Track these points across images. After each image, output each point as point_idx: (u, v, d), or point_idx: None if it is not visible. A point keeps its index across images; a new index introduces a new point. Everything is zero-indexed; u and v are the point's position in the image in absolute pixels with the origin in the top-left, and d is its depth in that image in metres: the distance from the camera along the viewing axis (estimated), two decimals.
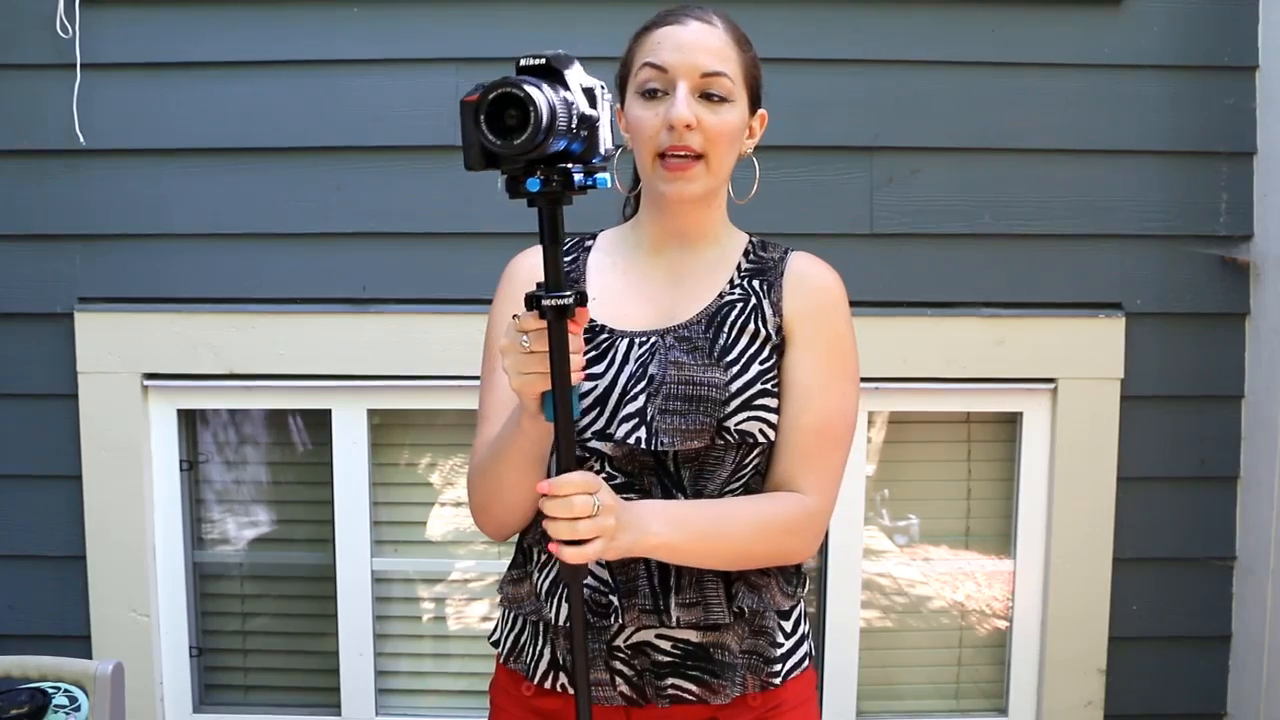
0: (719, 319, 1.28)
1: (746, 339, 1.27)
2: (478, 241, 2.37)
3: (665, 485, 1.25)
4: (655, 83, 1.24)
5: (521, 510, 1.27)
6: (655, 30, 1.26)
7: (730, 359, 1.25)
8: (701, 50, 1.23)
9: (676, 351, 1.26)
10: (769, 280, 1.31)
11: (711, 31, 1.25)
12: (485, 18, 2.38)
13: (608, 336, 1.28)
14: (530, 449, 1.19)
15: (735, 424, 1.24)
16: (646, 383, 1.24)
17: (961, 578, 2.64)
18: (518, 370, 1.09)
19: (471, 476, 1.29)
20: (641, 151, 1.26)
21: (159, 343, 2.45)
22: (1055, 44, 2.40)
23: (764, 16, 2.25)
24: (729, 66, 1.24)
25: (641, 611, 1.25)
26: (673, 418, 1.22)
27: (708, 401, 1.23)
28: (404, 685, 2.63)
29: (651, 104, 1.24)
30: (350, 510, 2.51)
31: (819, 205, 2.42)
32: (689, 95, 1.22)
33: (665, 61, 1.23)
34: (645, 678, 1.27)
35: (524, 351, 1.08)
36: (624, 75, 1.30)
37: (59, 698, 1.97)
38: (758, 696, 1.30)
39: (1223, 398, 2.47)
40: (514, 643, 1.35)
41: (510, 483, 1.23)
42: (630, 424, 1.23)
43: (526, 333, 1.07)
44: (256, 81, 2.40)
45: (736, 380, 1.24)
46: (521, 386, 1.10)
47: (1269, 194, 2.39)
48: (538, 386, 1.09)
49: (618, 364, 1.26)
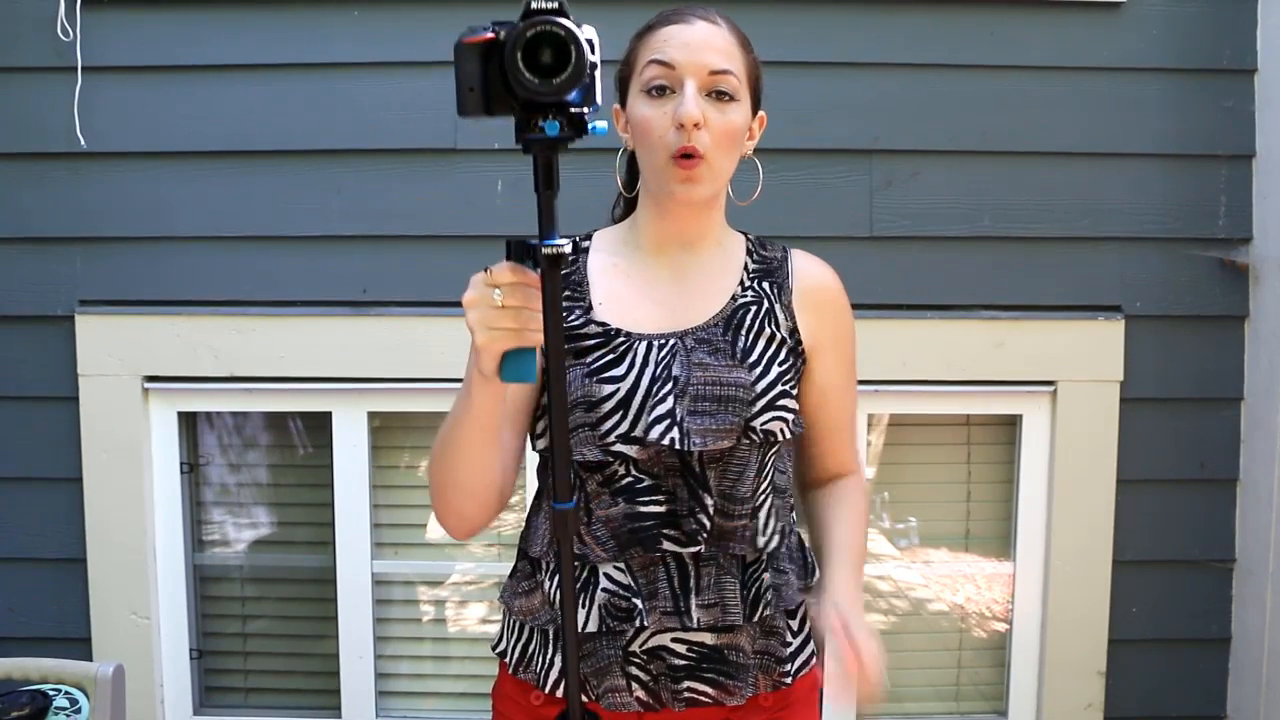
0: (735, 321, 1.29)
1: (764, 342, 1.29)
2: (477, 244, 2.37)
3: (691, 486, 1.25)
4: (662, 80, 1.23)
5: (480, 495, 1.22)
6: (660, 29, 1.26)
7: (752, 360, 1.27)
8: (709, 49, 1.23)
9: (700, 353, 1.26)
10: (777, 282, 1.33)
11: (717, 31, 1.25)
12: (485, 20, 2.37)
13: (625, 339, 1.27)
14: (483, 420, 1.14)
15: (761, 424, 1.25)
16: (672, 384, 1.24)
17: (961, 580, 2.64)
18: (485, 325, 1.02)
19: (429, 468, 1.25)
20: (653, 152, 1.24)
21: (160, 345, 2.45)
22: (1055, 47, 2.40)
23: (764, 19, 2.26)
24: (735, 65, 1.25)
25: (663, 614, 1.25)
26: (702, 418, 1.23)
27: (736, 402, 1.24)
28: (404, 688, 2.63)
29: (659, 102, 1.23)
30: (351, 512, 2.51)
31: (819, 208, 2.42)
32: (697, 94, 1.22)
33: (673, 59, 1.22)
34: (661, 682, 1.27)
35: (494, 306, 1.01)
36: (626, 74, 1.29)
37: (59, 700, 1.97)
38: (769, 696, 1.31)
39: (1222, 400, 2.47)
40: (522, 652, 1.34)
41: (464, 465, 1.19)
42: (662, 425, 1.22)
43: (500, 286, 1.01)
44: (257, 84, 2.41)
45: (760, 381, 1.26)
46: (489, 343, 1.03)
47: (1268, 196, 2.40)
48: (505, 344, 1.03)
49: (639, 366, 1.25)
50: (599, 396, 1.23)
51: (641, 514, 1.25)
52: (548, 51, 0.93)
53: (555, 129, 0.96)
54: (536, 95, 0.94)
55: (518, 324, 1.02)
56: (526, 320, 1.02)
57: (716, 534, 1.26)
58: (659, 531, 1.25)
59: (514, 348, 1.03)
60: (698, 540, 1.25)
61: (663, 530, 1.25)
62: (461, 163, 2.41)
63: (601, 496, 1.25)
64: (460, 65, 0.98)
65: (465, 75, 0.97)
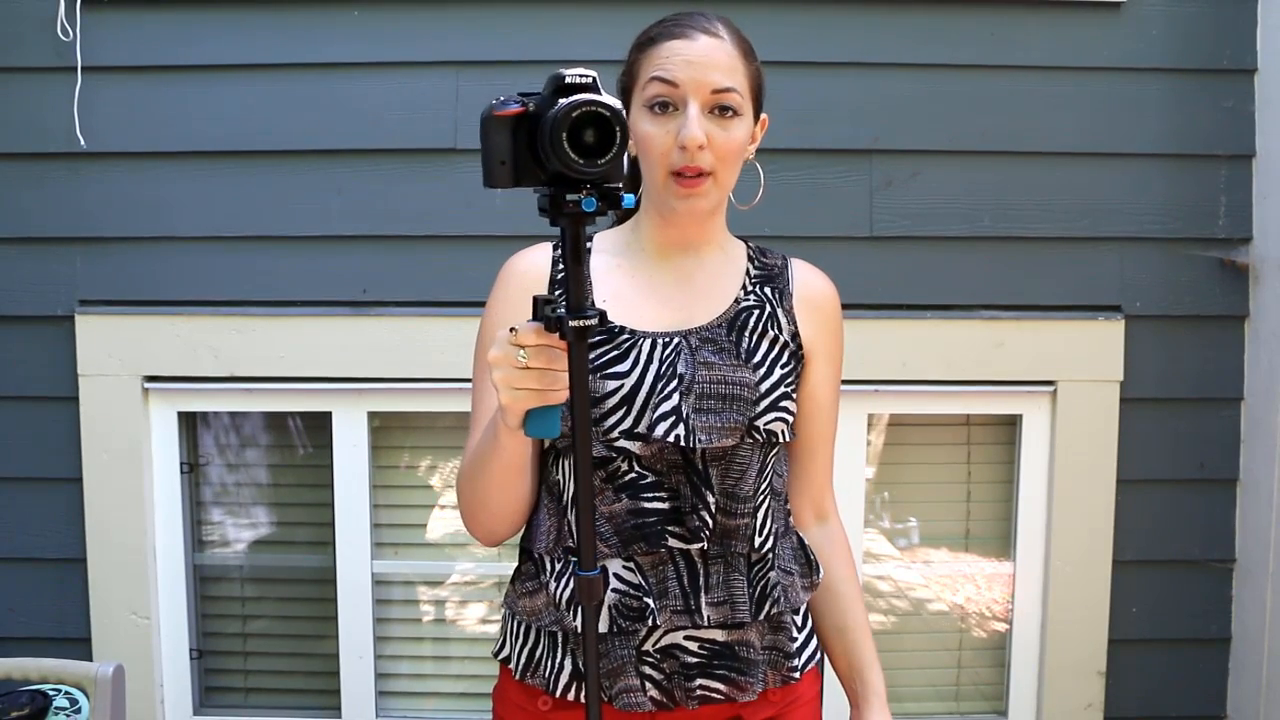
0: (739, 324, 1.31)
1: (767, 344, 1.31)
2: (478, 244, 2.37)
3: (694, 483, 1.26)
4: (665, 97, 1.24)
5: (509, 519, 1.27)
6: (663, 43, 1.25)
7: (756, 361, 1.29)
8: (712, 66, 1.23)
9: (705, 352, 1.27)
10: (778, 288, 1.35)
11: (720, 46, 1.25)
12: (485, 21, 2.38)
13: (629, 337, 1.28)
14: (511, 461, 1.18)
15: (765, 423, 1.27)
16: (677, 382, 1.25)
17: (961, 580, 2.64)
18: (509, 385, 1.03)
19: (458, 486, 1.28)
20: (653, 168, 1.26)
21: (159, 345, 2.45)
22: (1055, 47, 2.40)
23: (764, 19, 2.25)
24: (738, 81, 1.25)
25: (673, 612, 1.26)
26: (707, 416, 1.24)
27: (740, 401, 1.26)
28: (404, 688, 2.63)
29: (662, 120, 1.24)
30: (350, 512, 2.51)
31: (819, 208, 2.42)
32: (700, 114, 1.22)
33: (676, 78, 1.23)
34: (674, 680, 1.27)
35: (519, 366, 1.01)
36: (628, 85, 1.30)
37: (59, 700, 1.97)
38: (777, 692, 1.33)
39: (1222, 400, 2.47)
40: (529, 657, 1.33)
41: (494, 494, 1.23)
42: (668, 422, 1.23)
43: (524, 347, 1.01)
44: (257, 84, 2.41)
45: (764, 382, 1.28)
46: (512, 402, 1.04)
47: (1268, 196, 2.39)
48: (528, 403, 1.04)
49: (643, 363, 1.26)
50: (603, 392, 1.24)
51: (645, 510, 1.26)
52: (590, 131, 0.93)
53: (592, 205, 0.96)
54: (581, 175, 0.94)
55: (541, 385, 1.02)
56: (550, 381, 1.02)
57: (720, 532, 1.27)
58: (663, 528, 1.26)
59: (535, 409, 1.04)
60: (701, 537, 1.26)
61: (666, 527, 1.26)
62: (461, 163, 2.41)
63: (605, 492, 1.26)
64: (489, 137, 0.97)
65: (495, 148, 0.97)
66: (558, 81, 0.95)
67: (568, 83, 0.95)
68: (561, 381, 1.02)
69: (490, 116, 0.97)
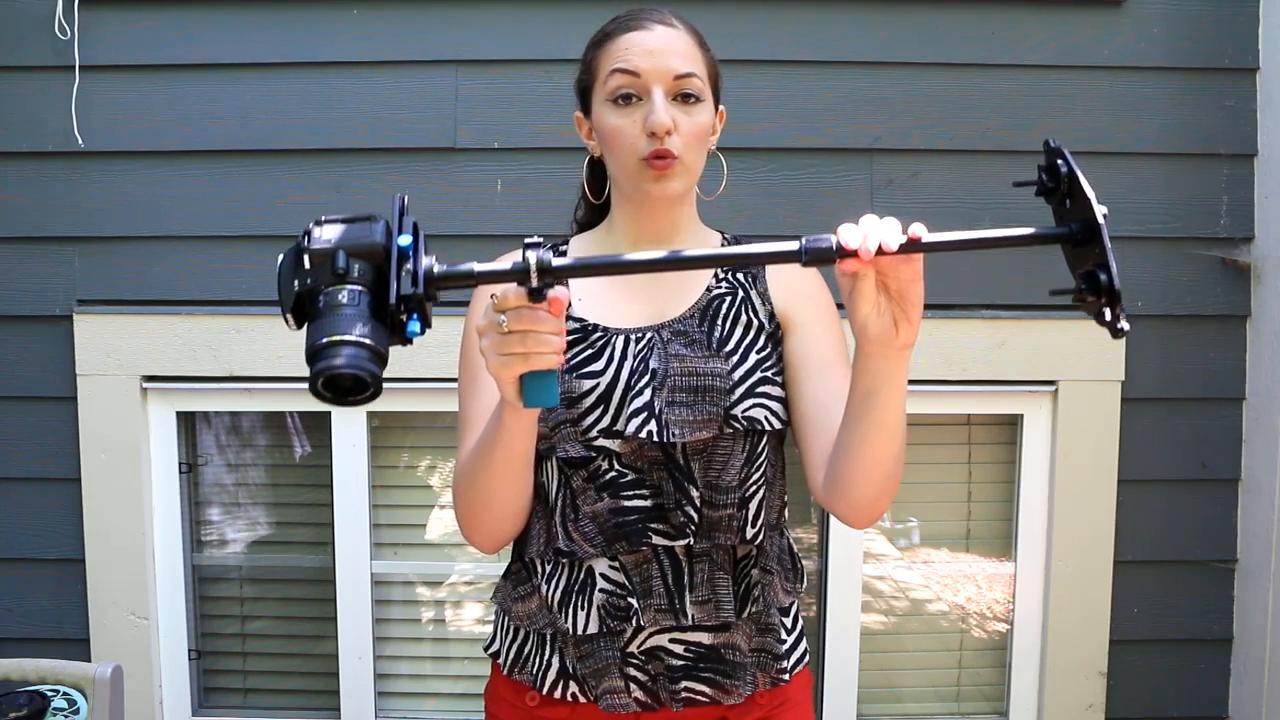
0: (711, 312, 1.30)
1: (741, 330, 1.30)
2: (477, 243, 2.36)
3: (676, 479, 1.26)
4: (629, 88, 1.25)
5: (512, 518, 1.27)
6: (619, 37, 1.28)
7: (729, 349, 1.28)
8: (671, 54, 1.25)
9: (676, 345, 1.27)
10: (752, 271, 1.34)
11: (677, 34, 1.27)
12: (483, 20, 2.37)
13: (603, 335, 1.29)
14: (515, 445, 1.16)
15: (742, 411, 1.25)
16: (650, 377, 1.25)
17: (962, 580, 2.64)
18: (496, 351, 1.03)
19: (456, 488, 1.27)
20: (624, 158, 1.26)
21: (158, 345, 2.44)
22: (1056, 46, 2.40)
23: (764, 18, 2.25)
24: (697, 67, 1.27)
25: (658, 611, 1.26)
26: (680, 409, 1.24)
27: (712, 391, 1.25)
28: (403, 688, 2.62)
29: (627, 111, 1.26)
30: (350, 513, 2.51)
31: (819, 207, 2.41)
32: (665, 100, 1.24)
33: (638, 67, 1.24)
34: (659, 682, 1.28)
35: (502, 331, 1.02)
36: (587, 83, 1.32)
37: (58, 700, 1.97)
38: (765, 694, 1.33)
39: (1223, 400, 2.47)
40: (518, 653, 1.35)
41: (498, 488, 1.21)
42: (640, 418, 1.24)
43: (505, 311, 1.02)
44: (255, 83, 2.40)
45: (737, 369, 1.27)
46: (499, 369, 1.04)
47: (1270, 195, 2.39)
48: (516, 368, 1.03)
49: (617, 360, 1.27)
50: (579, 392, 1.25)
51: (626, 508, 1.26)
52: (340, 386, 0.99)
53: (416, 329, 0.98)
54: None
55: (524, 349, 1.02)
56: (533, 345, 1.02)
57: (706, 526, 1.27)
58: (644, 525, 1.26)
59: (527, 372, 1.04)
60: (686, 533, 1.25)
61: (649, 524, 1.26)
62: (461, 162, 2.40)
63: (587, 492, 1.27)
64: (287, 275, 1.07)
65: (286, 283, 1.10)
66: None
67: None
68: (547, 345, 1.02)
69: (284, 257, 1.05)
